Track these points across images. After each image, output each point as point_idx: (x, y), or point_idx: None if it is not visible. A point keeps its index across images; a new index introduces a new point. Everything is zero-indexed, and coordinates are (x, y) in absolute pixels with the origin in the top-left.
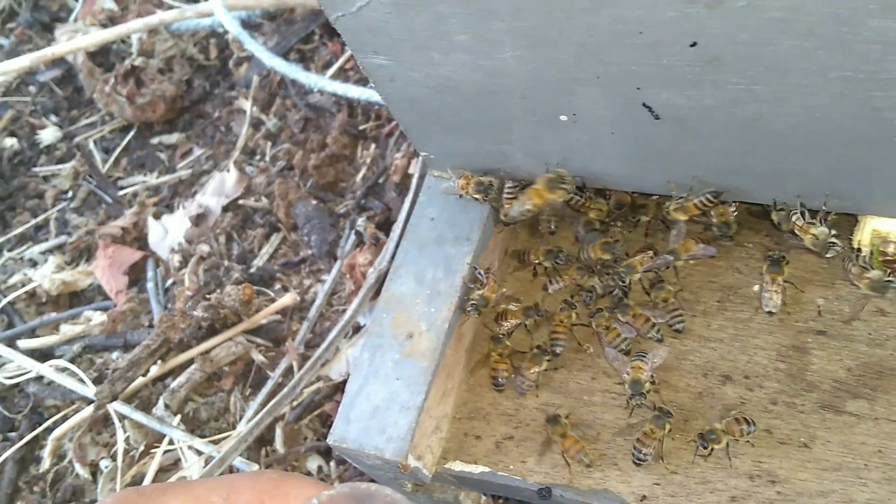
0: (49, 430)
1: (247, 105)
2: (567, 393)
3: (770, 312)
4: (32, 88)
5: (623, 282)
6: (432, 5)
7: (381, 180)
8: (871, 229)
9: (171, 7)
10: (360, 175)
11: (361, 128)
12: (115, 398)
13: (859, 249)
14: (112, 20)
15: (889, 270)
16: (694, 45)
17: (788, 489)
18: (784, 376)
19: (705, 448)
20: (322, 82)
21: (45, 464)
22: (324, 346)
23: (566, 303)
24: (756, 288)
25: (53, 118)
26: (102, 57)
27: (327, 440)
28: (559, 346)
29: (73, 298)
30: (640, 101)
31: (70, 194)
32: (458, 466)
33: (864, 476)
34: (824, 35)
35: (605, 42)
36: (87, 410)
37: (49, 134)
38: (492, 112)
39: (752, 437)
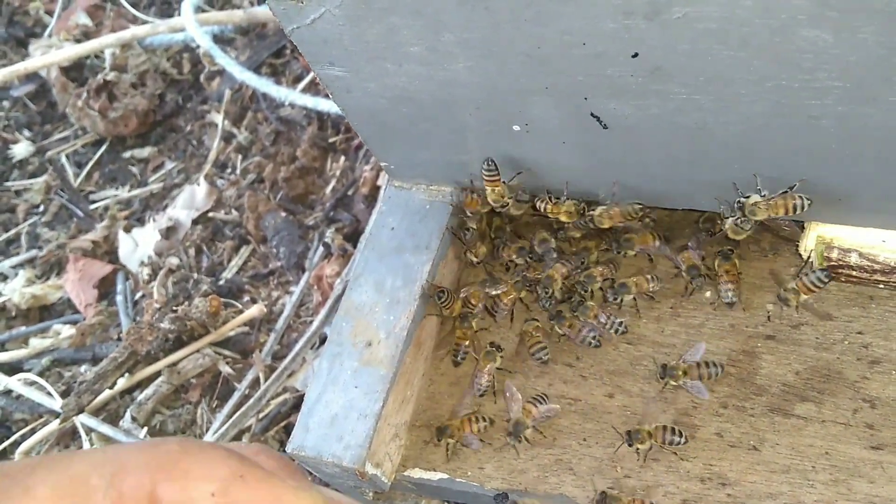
0: (17, 443)
1: (219, 119)
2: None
3: (730, 303)
4: (6, 103)
5: (585, 290)
6: (384, 17)
7: (350, 192)
8: (816, 235)
9: (144, 22)
10: (330, 187)
11: (331, 140)
12: (81, 411)
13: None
14: (86, 35)
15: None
16: (636, 55)
17: (738, 491)
18: (734, 380)
19: (630, 445)
20: (293, 96)
21: None
22: (290, 357)
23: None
24: (708, 294)
25: (27, 133)
26: (76, 72)
27: (286, 448)
28: (544, 354)
29: (43, 312)
30: (589, 110)
31: (42, 208)
32: (417, 473)
33: (811, 478)
34: (759, 45)
35: (551, 53)
36: (55, 424)
37: (22, 148)
38: (447, 122)
39: (679, 448)
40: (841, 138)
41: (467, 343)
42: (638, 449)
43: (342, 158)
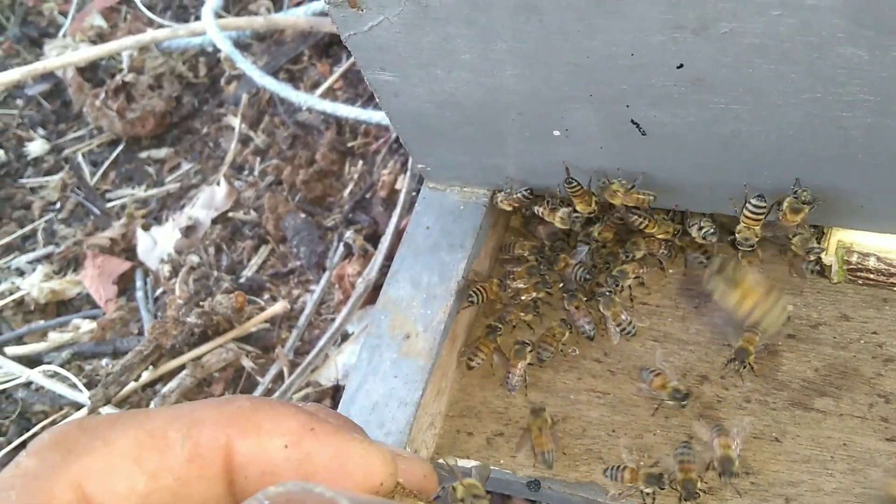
0: (37, 435)
1: (235, 122)
2: (554, 392)
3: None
4: (20, 101)
5: (617, 285)
6: (440, 27)
7: (368, 195)
8: (837, 240)
9: (160, 25)
10: (348, 190)
11: (349, 145)
12: (108, 402)
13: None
14: (101, 37)
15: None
16: (680, 66)
17: (761, 480)
18: (756, 377)
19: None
20: (311, 101)
21: None
22: (314, 352)
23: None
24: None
25: (41, 131)
26: (91, 72)
27: None
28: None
29: (61, 307)
30: (629, 117)
31: (58, 205)
32: (451, 461)
33: (830, 467)
34: (797, 59)
35: (598, 63)
36: (81, 413)
37: (37, 146)
38: (489, 127)
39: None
40: (866, 148)
41: (484, 354)
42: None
43: (360, 162)
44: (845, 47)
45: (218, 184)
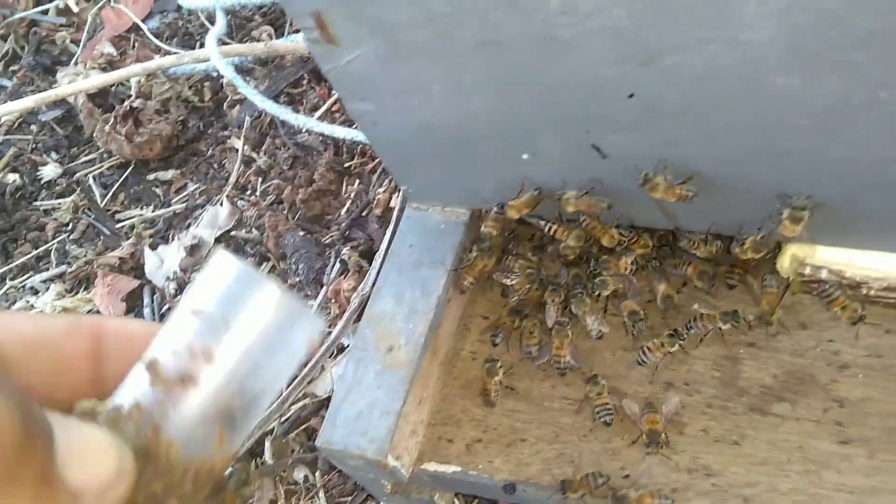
0: None
1: (239, 144)
2: (530, 400)
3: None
4: (34, 127)
5: (592, 291)
6: (412, 61)
7: (364, 213)
8: (791, 254)
9: (167, 52)
10: (345, 208)
11: (347, 165)
12: None
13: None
14: (111, 64)
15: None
16: (631, 96)
17: (722, 481)
18: (719, 383)
19: (563, 494)
20: (310, 123)
21: None
22: (310, 365)
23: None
24: (696, 306)
25: (54, 155)
26: (101, 98)
27: (316, 443)
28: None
29: None
30: (590, 142)
31: (70, 227)
32: (432, 467)
33: (786, 469)
34: (737, 89)
35: (557, 93)
36: None
37: (50, 170)
38: (463, 152)
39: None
40: (809, 171)
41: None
42: (569, 496)
43: (357, 182)
44: (780, 77)
45: (221, 204)
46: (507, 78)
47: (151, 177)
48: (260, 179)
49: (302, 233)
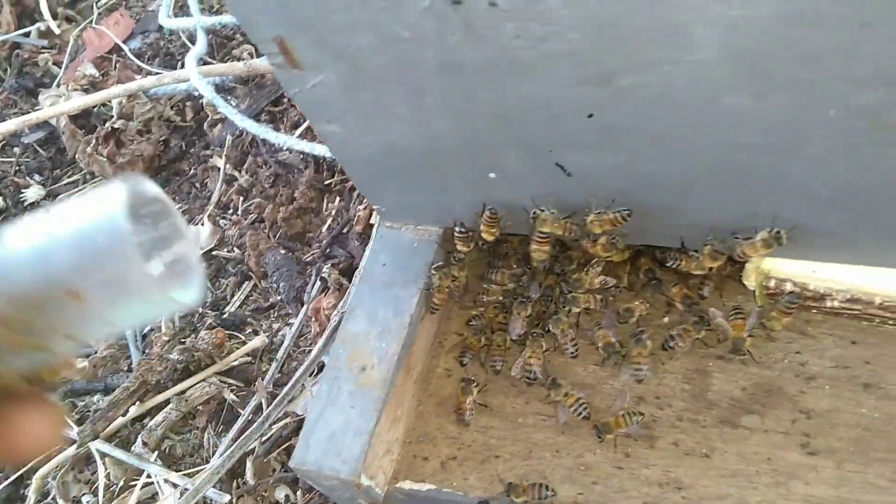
0: (34, 469)
1: (220, 163)
2: (503, 416)
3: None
4: (17, 150)
5: (564, 307)
6: (374, 85)
7: (345, 230)
8: (755, 267)
9: (149, 73)
10: (326, 226)
11: (327, 182)
12: (96, 437)
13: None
14: (93, 85)
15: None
16: (591, 116)
17: (692, 494)
18: (689, 396)
19: (507, 496)
20: (290, 141)
21: (31, 501)
22: (291, 384)
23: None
24: (666, 319)
25: (37, 177)
26: (84, 119)
27: (290, 464)
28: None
29: None
30: (554, 161)
31: None
32: (407, 485)
33: (755, 481)
34: (691, 108)
35: (518, 114)
36: (70, 450)
37: (33, 192)
38: (432, 171)
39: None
40: (769, 186)
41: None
42: (512, 500)
43: (337, 199)
44: (730, 96)
45: (202, 224)
46: (468, 100)
47: None
48: (241, 198)
49: (283, 251)
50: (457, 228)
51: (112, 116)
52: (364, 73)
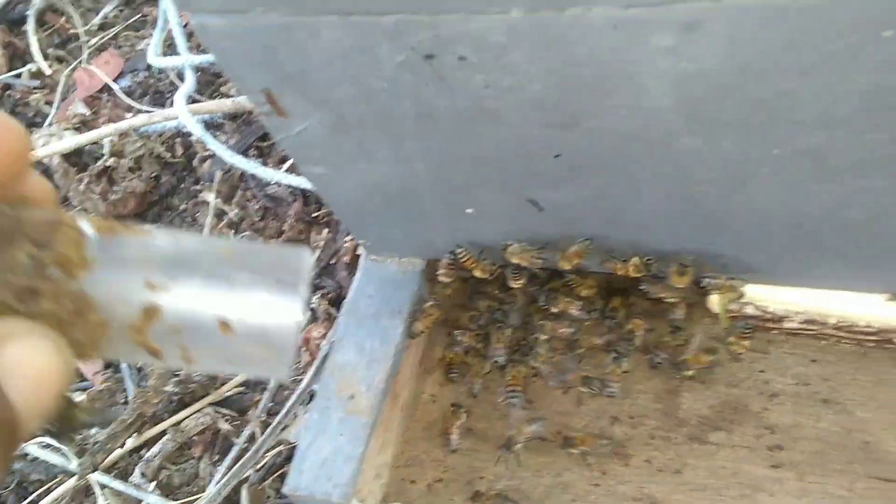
0: (34, 502)
1: (211, 197)
2: (486, 440)
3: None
4: None
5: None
6: (356, 131)
7: (333, 261)
8: (719, 293)
9: (139, 111)
10: (315, 257)
11: (314, 215)
12: (95, 469)
13: None
14: (84, 124)
15: None
16: (558, 156)
17: None
18: (660, 415)
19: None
20: (278, 175)
21: None
22: (283, 412)
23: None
24: (638, 342)
25: None
26: (76, 157)
27: (283, 490)
28: (515, 398)
29: None
30: (527, 197)
31: None
32: None
33: (724, 494)
34: (649, 149)
35: (491, 155)
36: (70, 482)
37: None
38: (413, 208)
39: None
40: (726, 216)
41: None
42: None
43: (325, 231)
44: (685, 139)
45: None
46: (444, 145)
47: None
48: (232, 231)
49: None
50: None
51: (104, 154)
52: (346, 120)
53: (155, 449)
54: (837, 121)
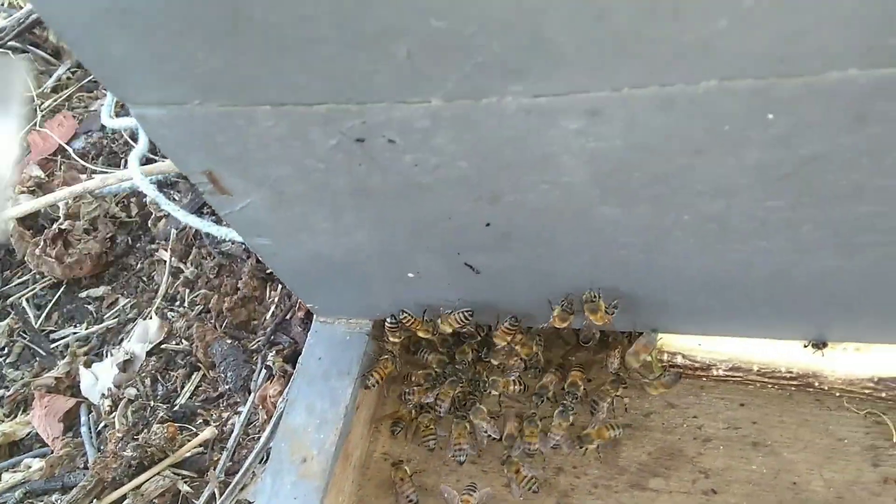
0: None
1: (166, 256)
2: (437, 494)
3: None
4: None
5: (485, 391)
6: (297, 206)
7: (288, 316)
8: (637, 349)
9: (93, 172)
10: (270, 313)
11: (269, 271)
12: None
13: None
14: (39, 186)
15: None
16: (488, 225)
17: None
18: (602, 464)
19: None
20: (232, 234)
21: None
22: (241, 472)
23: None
24: (581, 390)
25: None
26: (31, 220)
27: None
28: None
29: (14, 448)
30: (463, 261)
31: (6, 350)
32: None
33: None
34: (570, 219)
35: (426, 225)
36: None
37: None
38: (356, 274)
39: None
40: (648, 275)
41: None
42: None
43: (279, 287)
44: (602, 208)
45: (151, 318)
46: (380, 216)
47: (83, 294)
48: (188, 290)
49: (229, 340)
50: (387, 321)
51: (59, 217)
52: (286, 197)
53: None
54: (734, 190)
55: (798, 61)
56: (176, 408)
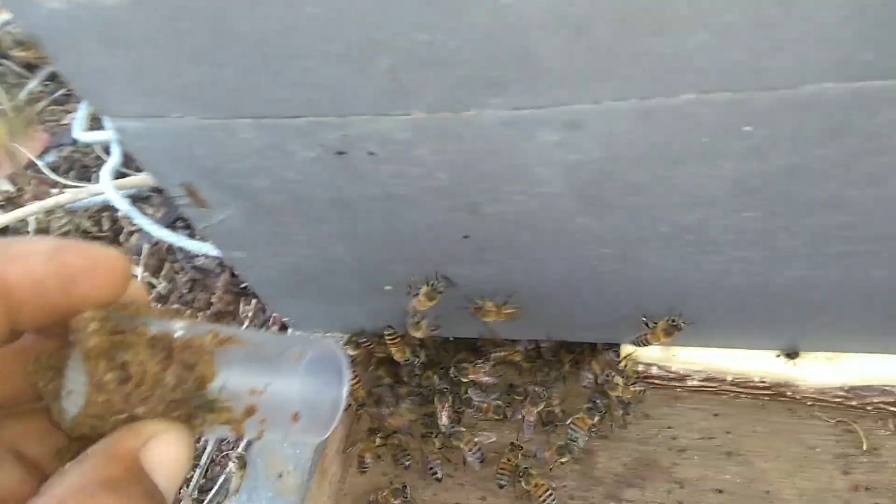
0: None
1: (139, 271)
2: None
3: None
4: None
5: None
6: (274, 217)
7: (262, 331)
8: (625, 354)
9: (64, 186)
10: (244, 328)
11: (243, 285)
12: None
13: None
14: (10, 200)
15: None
16: (466, 237)
17: None
18: (578, 475)
19: None
20: (205, 248)
21: None
22: (215, 489)
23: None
24: (556, 402)
25: None
26: (1, 235)
27: None
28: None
29: None
30: (441, 274)
31: None
32: None
33: None
34: (547, 230)
35: (405, 237)
36: None
37: None
38: (333, 286)
39: None
40: (626, 287)
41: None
42: None
43: (253, 301)
44: (579, 217)
45: None
46: (359, 227)
47: None
48: (160, 305)
49: None
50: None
51: (29, 232)
52: (264, 208)
53: None
54: (711, 201)
55: (775, 75)
56: None
